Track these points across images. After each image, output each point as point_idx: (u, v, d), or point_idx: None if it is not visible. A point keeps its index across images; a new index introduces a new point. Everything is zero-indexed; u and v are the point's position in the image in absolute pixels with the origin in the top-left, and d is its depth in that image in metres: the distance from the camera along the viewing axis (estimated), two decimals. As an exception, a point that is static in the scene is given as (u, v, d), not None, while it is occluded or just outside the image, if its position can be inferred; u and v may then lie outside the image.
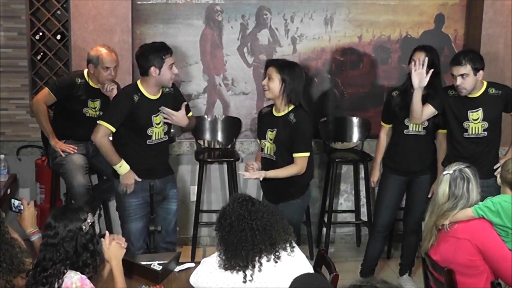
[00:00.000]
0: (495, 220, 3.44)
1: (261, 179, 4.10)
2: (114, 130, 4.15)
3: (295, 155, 4.10)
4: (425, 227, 3.55)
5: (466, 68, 4.32)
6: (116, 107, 4.21)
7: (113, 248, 3.08)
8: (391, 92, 4.74)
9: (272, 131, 4.15)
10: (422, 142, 4.65)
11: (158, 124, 4.21)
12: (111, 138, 4.24)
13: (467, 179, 3.41)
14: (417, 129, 4.60)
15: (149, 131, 4.19)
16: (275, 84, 4.09)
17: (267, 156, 4.19)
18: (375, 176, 4.84)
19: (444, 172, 3.46)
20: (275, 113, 4.19)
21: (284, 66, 4.11)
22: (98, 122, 4.18)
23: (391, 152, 4.76)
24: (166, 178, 4.35)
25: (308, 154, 4.12)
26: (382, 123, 4.80)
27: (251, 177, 4.13)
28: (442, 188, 3.43)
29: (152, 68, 4.11)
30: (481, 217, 3.42)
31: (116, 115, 4.15)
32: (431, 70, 4.36)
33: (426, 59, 4.38)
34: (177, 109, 4.26)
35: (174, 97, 4.31)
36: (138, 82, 4.22)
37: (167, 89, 4.27)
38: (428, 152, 4.69)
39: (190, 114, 4.47)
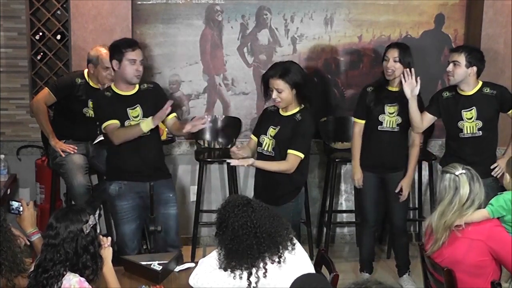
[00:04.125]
0: (507, 218, 3.57)
1: (248, 163, 4.02)
2: (119, 124, 4.16)
3: (289, 151, 4.05)
4: (435, 228, 3.48)
5: (460, 57, 4.38)
6: (101, 107, 4.26)
7: (104, 250, 3.06)
8: (365, 88, 4.76)
9: (274, 128, 4.13)
10: (396, 139, 4.66)
11: (135, 117, 4.19)
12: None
13: (477, 177, 3.46)
14: (391, 126, 4.62)
15: (126, 124, 4.18)
16: (286, 93, 4.04)
17: (265, 152, 4.16)
18: (358, 174, 4.76)
19: (457, 172, 3.42)
20: (282, 113, 4.16)
21: (285, 73, 4.04)
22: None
23: (364, 148, 4.76)
24: (161, 181, 4.25)
25: (302, 155, 4.07)
26: (356, 120, 4.78)
27: (240, 164, 4.06)
28: (465, 189, 3.41)
29: (114, 62, 4.14)
30: (496, 217, 3.50)
31: (104, 114, 4.20)
32: (419, 78, 4.41)
33: (413, 70, 4.43)
34: (158, 105, 4.15)
35: (154, 94, 4.29)
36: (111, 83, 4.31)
37: (145, 85, 4.28)
38: (402, 149, 4.71)
39: (173, 115, 4.33)
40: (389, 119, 4.62)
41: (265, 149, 4.16)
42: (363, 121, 4.74)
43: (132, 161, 4.20)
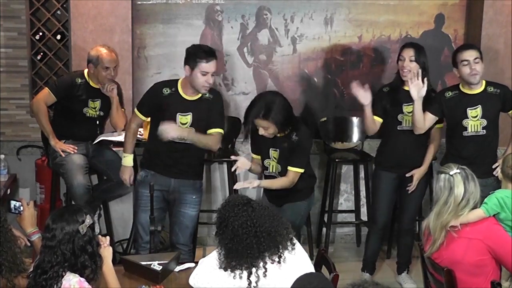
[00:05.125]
0: (503, 216, 3.57)
1: (254, 185, 4.06)
2: (144, 118, 4.26)
3: (290, 168, 4.11)
4: (433, 229, 3.49)
5: (477, 53, 4.40)
6: (149, 99, 4.28)
7: (104, 250, 3.06)
8: (382, 89, 4.76)
9: (275, 151, 4.16)
10: (415, 138, 4.62)
11: (183, 124, 4.16)
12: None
13: (472, 176, 3.46)
14: (410, 125, 4.61)
15: None
16: (273, 128, 4.05)
17: (273, 174, 4.21)
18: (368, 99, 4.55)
19: (451, 172, 3.44)
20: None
21: (267, 113, 4.00)
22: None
23: (383, 148, 4.77)
24: (186, 181, 4.27)
25: (302, 170, 4.13)
26: (375, 117, 4.67)
27: (245, 186, 4.09)
28: (459, 189, 3.42)
29: (186, 67, 4.13)
30: (492, 215, 3.50)
31: (143, 103, 4.28)
32: (426, 79, 4.38)
33: (420, 71, 4.41)
34: (210, 118, 4.18)
35: (210, 106, 4.21)
36: (180, 78, 4.25)
37: (207, 94, 4.21)
38: (421, 148, 4.69)
39: (212, 131, 4.23)
40: (407, 118, 4.60)
41: (272, 171, 4.21)
42: (381, 120, 4.68)
43: (164, 156, 4.22)
